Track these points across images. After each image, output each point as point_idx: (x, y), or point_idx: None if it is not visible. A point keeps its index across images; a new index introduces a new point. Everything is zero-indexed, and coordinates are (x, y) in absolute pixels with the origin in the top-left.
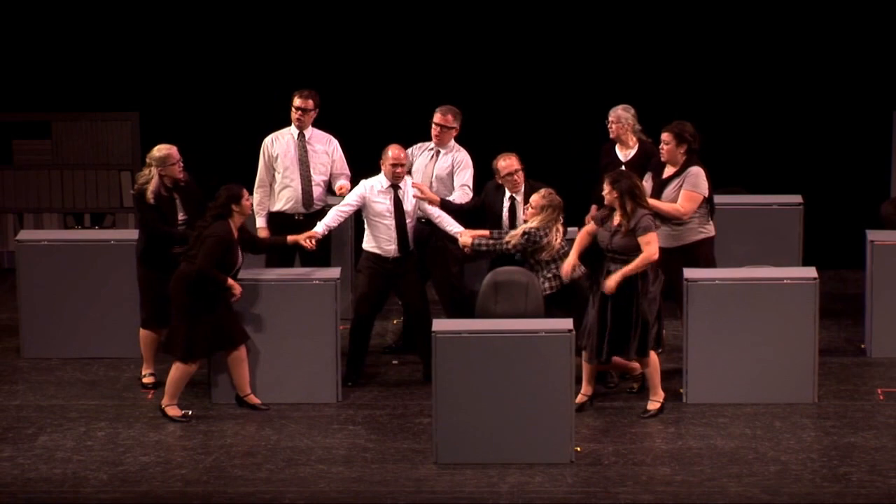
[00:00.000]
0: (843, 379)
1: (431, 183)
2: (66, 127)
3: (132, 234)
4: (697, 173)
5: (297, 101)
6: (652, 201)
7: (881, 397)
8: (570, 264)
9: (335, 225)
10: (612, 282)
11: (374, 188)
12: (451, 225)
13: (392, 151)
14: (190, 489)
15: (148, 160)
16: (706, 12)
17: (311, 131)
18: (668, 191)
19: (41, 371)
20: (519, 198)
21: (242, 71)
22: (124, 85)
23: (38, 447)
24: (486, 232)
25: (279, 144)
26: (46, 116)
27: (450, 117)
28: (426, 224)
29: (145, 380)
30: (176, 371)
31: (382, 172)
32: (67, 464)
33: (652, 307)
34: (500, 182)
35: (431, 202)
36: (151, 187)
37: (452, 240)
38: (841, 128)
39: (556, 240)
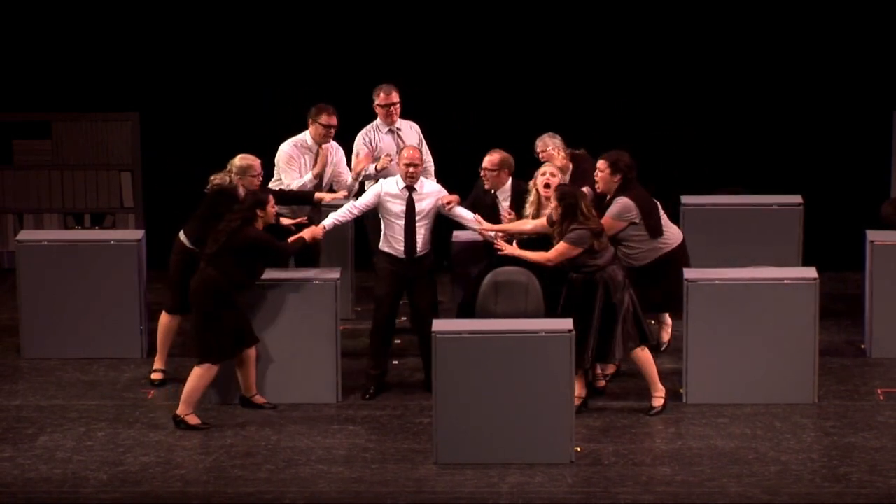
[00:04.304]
0: (843, 379)
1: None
2: (66, 127)
3: (132, 233)
4: (621, 203)
5: (324, 119)
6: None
7: (881, 397)
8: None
9: (343, 221)
10: (503, 246)
11: (388, 188)
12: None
13: (406, 152)
14: (190, 489)
15: (228, 166)
16: (707, 12)
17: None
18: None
19: (41, 371)
20: (501, 196)
21: (242, 71)
22: (124, 85)
23: (38, 447)
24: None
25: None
26: (46, 116)
27: (395, 94)
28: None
29: (154, 375)
30: (200, 378)
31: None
32: (67, 464)
33: (614, 314)
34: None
35: (458, 203)
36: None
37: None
38: (841, 128)
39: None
